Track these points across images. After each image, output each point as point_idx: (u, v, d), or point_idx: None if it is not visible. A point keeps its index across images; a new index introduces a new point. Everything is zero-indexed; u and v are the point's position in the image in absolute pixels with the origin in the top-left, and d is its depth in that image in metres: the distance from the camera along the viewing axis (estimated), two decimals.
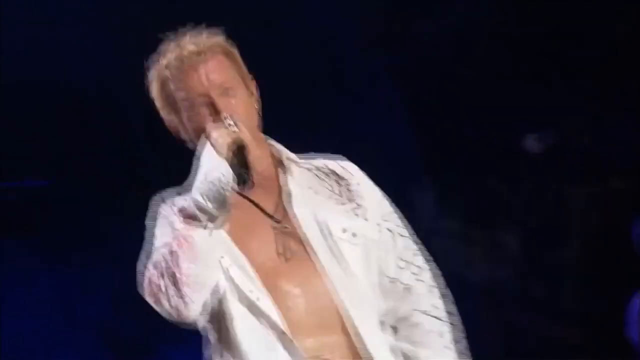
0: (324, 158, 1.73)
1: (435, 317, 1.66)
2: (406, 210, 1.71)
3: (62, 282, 5.90)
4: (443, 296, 1.69)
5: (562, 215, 8.82)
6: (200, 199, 1.48)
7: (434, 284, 1.69)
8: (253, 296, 1.54)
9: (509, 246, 9.16)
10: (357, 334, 1.55)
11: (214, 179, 1.48)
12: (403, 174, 8.35)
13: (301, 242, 1.60)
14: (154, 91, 1.68)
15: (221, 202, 1.49)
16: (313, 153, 1.72)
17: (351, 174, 1.70)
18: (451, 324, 1.68)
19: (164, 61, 1.65)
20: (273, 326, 1.53)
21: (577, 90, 8.49)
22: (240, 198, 1.58)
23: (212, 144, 1.53)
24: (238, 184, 1.52)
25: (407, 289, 1.65)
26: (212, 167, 1.50)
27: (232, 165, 1.51)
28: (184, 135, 1.67)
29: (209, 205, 1.48)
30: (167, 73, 1.64)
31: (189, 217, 1.50)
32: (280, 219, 1.61)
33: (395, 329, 1.66)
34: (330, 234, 1.60)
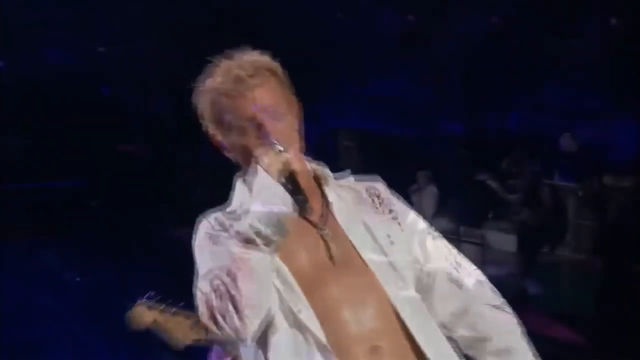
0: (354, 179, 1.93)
1: (508, 312, 1.90)
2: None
3: (96, 280, 6.02)
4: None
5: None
6: (258, 225, 1.61)
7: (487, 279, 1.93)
8: (295, 308, 1.69)
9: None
10: (404, 322, 1.73)
11: (274, 207, 1.61)
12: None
13: (347, 245, 1.78)
14: (203, 110, 1.82)
15: (280, 228, 1.63)
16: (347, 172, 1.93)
17: (380, 189, 1.93)
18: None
19: (215, 81, 1.78)
20: (314, 337, 1.68)
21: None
22: None
23: (264, 169, 1.66)
24: (297, 210, 1.66)
25: (461, 286, 1.85)
26: (270, 195, 1.63)
27: (288, 191, 1.64)
28: (229, 153, 1.83)
29: (268, 232, 1.62)
30: (218, 93, 1.77)
31: (246, 241, 1.62)
32: (326, 227, 1.79)
33: (448, 325, 1.85)
34: (374, 236, 1.80)
